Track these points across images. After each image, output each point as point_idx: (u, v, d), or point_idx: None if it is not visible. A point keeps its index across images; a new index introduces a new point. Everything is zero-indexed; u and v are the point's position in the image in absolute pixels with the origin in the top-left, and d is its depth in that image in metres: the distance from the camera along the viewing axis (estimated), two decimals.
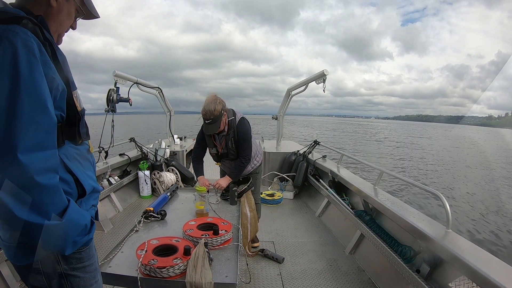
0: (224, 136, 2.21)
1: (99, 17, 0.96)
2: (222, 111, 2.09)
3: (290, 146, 5.12)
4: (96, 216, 0.93)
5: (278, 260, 2.38)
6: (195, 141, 2.53)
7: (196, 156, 2.44)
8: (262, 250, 2.47)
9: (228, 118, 2.17)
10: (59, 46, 0.85)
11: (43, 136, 0.69)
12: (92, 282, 0.87)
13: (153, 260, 1.20)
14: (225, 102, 2.14)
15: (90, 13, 0.92)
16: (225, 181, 2.20)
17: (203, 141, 2.35)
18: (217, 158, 2.37)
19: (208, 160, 2.47)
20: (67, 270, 0.79)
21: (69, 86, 0.80)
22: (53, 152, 0.72)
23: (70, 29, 0.92)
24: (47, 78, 0.71)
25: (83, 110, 0.88)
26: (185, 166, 4.57)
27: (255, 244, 2.57)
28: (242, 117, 2.23)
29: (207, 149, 2.39)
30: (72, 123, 0.82)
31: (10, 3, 0.79)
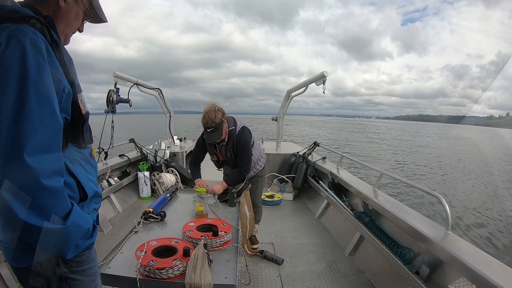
0: (224, 146, 2.22)
1: (107, 21, 0.95)
2: (223, 119, 2.09)
3: (290, 147, 5.12)
4: (97, 220, 0.93)
5: (277, 261, 2.38)
6: (194, 142, 2.53)
7: (194, 160, 2.44)
8: (262, 252, 2.47)
9: (228, 128, 2.17)
10: (65, 46, 0.85)
11: (50, 139, 0.69)
12: (92, 285, 0.86)
13: (152, 261, 1.19)
14: (224, 109, 2.14)
15: (98, 17, 0.92)
16: (220, 187, 2.20)
17: (203, 147, 2.35)
18: (218, 165, 2.40)
19: (209, 162, 2.48)
20: (67, 273, 0.79)
21: (75, 88, 0.80)
22: (59, 155, 0.72)
23: (77, 32, 0.91)
24: (53, 80, 0.70)
25: (88, 113, 0.87)
26: (184, 167, 4.57)
27: (255, 246, 2.56)
28: (243, 126, 2.23)
29: (208, 155, 2.41)
30: (76, 126, 0.81)
31: (19, 2, 0.79)
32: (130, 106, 3.42)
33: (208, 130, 2.06)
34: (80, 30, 0.91)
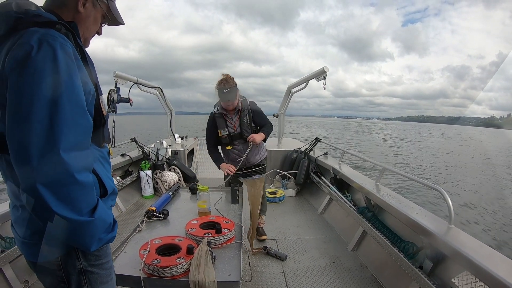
0: (238, 113, 2.34)
1: (124, 24, 0.98)
2: (236, 86, 2.24)
3: (291, 143, 5.11)
4: None
5: (281, 258, 2.39)
6: (196, 140, 2.56)
7: (211, 145, 2.50)
8: (265, 248, 2.48)
9: (240, 98, 2.32)
10: (86, 48, 0.89)
11: (82, 137, 0.73)
12: (108, 279, 0.89)
13: (156, 259, 1.20)
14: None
15: (115, 20, 0.95)
16: (259, 137, 2.32)
17: (214, 127, 2.41)
18: (229, 139, 2.41)
19: (209, 162, 2.50)
20: (86, 267, 0.82)
21: (97, 90, 0.83)
22: (89, 152, 0.77)
23: (96, 35, 0.95)
24: (82, 82, 0.74)
25: (107, 114, 0.91)
26: (186, 165, 4.57)
27: (263, 237, 2.62)
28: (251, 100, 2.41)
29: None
30: (97, 126, 0.83)
31: (41, 7, 0.81)
32: (131, 105, 3.42)
33: (224, 91, 2.19)
34: (99, 33, 0.95)
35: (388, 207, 2.15)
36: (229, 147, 2.45)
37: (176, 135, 5.20)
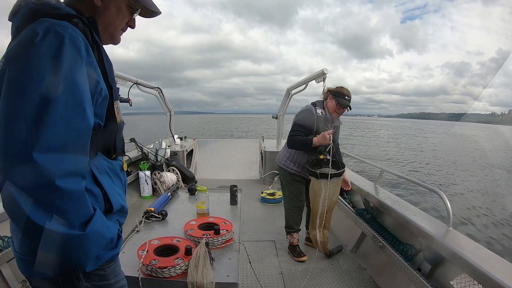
0: (334, 124, 2.33)
1: (160, 13, 0.86)
2: None
3: None
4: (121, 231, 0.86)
5: (340, 249, 2.54)
6: (195, 141, 2.54)
7: (298, 134, 2.28)
8: (330, 253, 2.46)
9: None
10: (117, 44, 0.84)
11: (74, 139, 0.63)
12: None
13: (154, 260, 1.20)
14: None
15: (147, 9, 0.83)
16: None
17: (312, 124, 2.25)
18: (324, 148, 2.25)
19: (209, 162, 2.48)
20: None
21: (112, 95, 0.75)
22: (83, 159, 0.66)
23: (129, 28, 0.85)
24: (91, 80, 0.67)
25: (122, 122, 0.81)
26: (185, 166, 4.57)
27: (303, 258, 2.41)
28: None
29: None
30: (108, 135, 0.76)
31: (63, 2, 0.76)
32: (131, 105, 3.42)
33: (346, 97, 2.22)
34: (132, 26, 0.85)
35: (387, 209, 2.15)
36: (322, 156, 2.27)
37: (175, 136, 5.21)
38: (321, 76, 3.48)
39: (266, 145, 5.02)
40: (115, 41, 0.84)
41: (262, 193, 3.98)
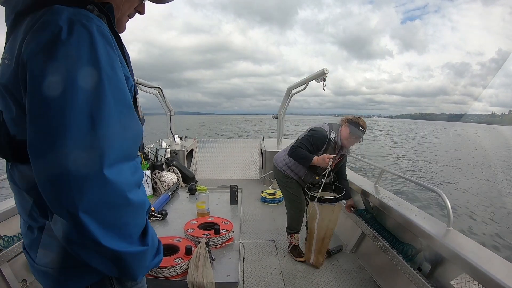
0: (346, 156, 2.41)
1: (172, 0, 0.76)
2: None
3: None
4: None
5: (340, 249, 2.56)
6: (195, 140, 2.53)
7: (307, 151, 2.27)
8: (329, 253, 2.46)
9: None
10: (122, 32, 0.72)
11: (132, 145, 0.58)
12: None
13: None
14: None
15: None
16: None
17: (322, 144, 2.28)
18: (320, 170, 2.29)
19: (209, 161, 2.48)
20: None
21: (135, 89, 0.68)
22: (137, 163, 0.61)
23: (138, 14, 0.76)
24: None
25: (143, 118, 0.73)
26: (185, 165, 4.57)
27: (301, 258, 2.41)
28: None
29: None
30: None
31: None
32: None
33: (361, 128, 2.25)
34: (141, 12, 0.75)
35: (387, 209, 2.15)
36: (317, 177, 2.33)
37: (176, 136, 5.21)
38: (321, 76, 3.49)
39: (266, 145, 5.02)
40: (121, 28, 0.72)
41: (262, 193, 3.99)
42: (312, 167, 2.27)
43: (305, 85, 4.12)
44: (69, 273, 0.60)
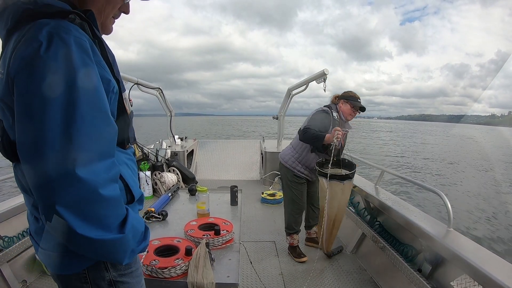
0: (347, 132, 2.40)
1: None
2: None
3: None
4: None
5: (340, 250, 2.54)
6: (196, 141, 2.53)
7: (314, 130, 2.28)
8: (330, 254, 2.47)
9: None
10: (109, 34, 0.78)
11: (107, 146, 0.64)
12: (139, 286, 0.82)
13: (154, 260, 1.20)
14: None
15: None
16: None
17: (327, 123, 2.31)
18: (324, 148, 2.32)
19: (210, 161, 2.48)
20: (116, 277, 0.74)
21: (120, 87, 0.74)
22: (113, 161, 0.66)
23: (123, 14, 0.79)
24: (103, 80, 0.65)
25: (132, 113, 0.82)
26: (186, 166, 4.57)
27: (303, 259, 2.42)
28: None
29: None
30: (121, 127, 0.75)
31: None
32: (131, 106, 3.42)
33: (359, 100, 2.32)
34: (125, 12, 0.79)
35: (387, 210, 2.15)
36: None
37: (176, 136, 5.21)
38: (321, 76, 3.49)
39: (266, 145, 5.02)
40: (107, 31, 0.78)
41: (262, 193, 3.98)
42: (323, 147, 2.30)
43: (305, 85, 4.12)
44: (71, 255, 0.68)
